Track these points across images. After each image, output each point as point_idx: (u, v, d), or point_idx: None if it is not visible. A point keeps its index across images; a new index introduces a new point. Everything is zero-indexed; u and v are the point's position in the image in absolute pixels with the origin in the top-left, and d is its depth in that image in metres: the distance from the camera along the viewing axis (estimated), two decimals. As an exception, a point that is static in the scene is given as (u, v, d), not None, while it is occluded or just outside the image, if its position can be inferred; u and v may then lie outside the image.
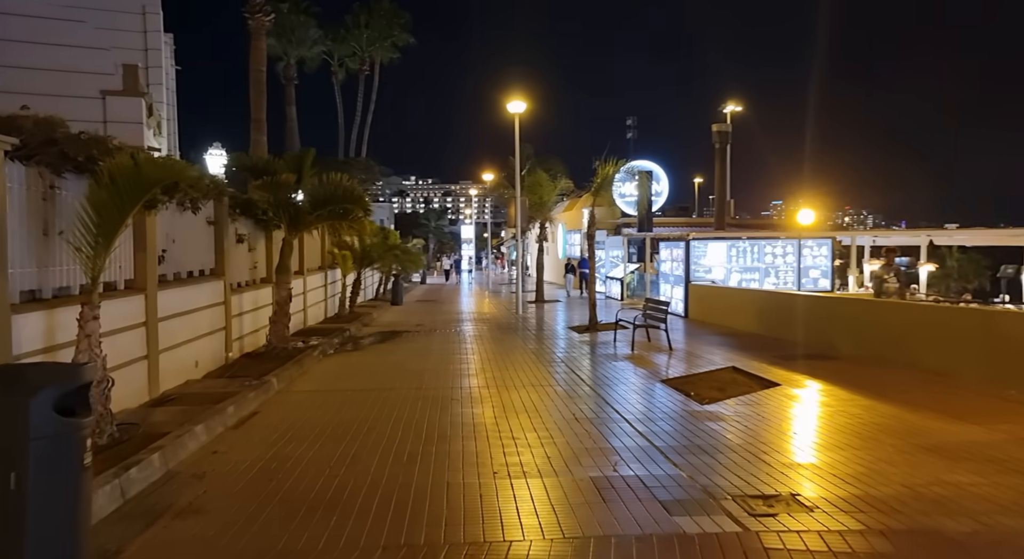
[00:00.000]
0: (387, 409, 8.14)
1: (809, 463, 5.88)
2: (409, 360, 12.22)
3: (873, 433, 6.79)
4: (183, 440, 6.12)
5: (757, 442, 6.53)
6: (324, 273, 18.56)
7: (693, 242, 19.75)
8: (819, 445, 6.46)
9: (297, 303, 15.42)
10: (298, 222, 11.33)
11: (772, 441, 6.61)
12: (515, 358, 12.36)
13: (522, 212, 22.75)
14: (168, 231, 8.59)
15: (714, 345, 13.70)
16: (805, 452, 6.26)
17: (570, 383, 9.83)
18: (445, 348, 13.79)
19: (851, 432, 6.83)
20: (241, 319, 11.33)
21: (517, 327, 17.92)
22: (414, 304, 26.63)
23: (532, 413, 7.91)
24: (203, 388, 8.56)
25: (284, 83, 38.37)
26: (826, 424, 7.28)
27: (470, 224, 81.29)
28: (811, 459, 6.01)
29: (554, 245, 41.64)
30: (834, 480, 5.36)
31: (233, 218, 11.08)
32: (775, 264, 19.72)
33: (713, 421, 7.40)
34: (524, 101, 21.55)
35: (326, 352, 12.81)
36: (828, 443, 6.49)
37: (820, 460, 5.95)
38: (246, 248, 11.88)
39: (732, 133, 45.91)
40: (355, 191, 11.38)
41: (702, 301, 18.58)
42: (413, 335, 16.08)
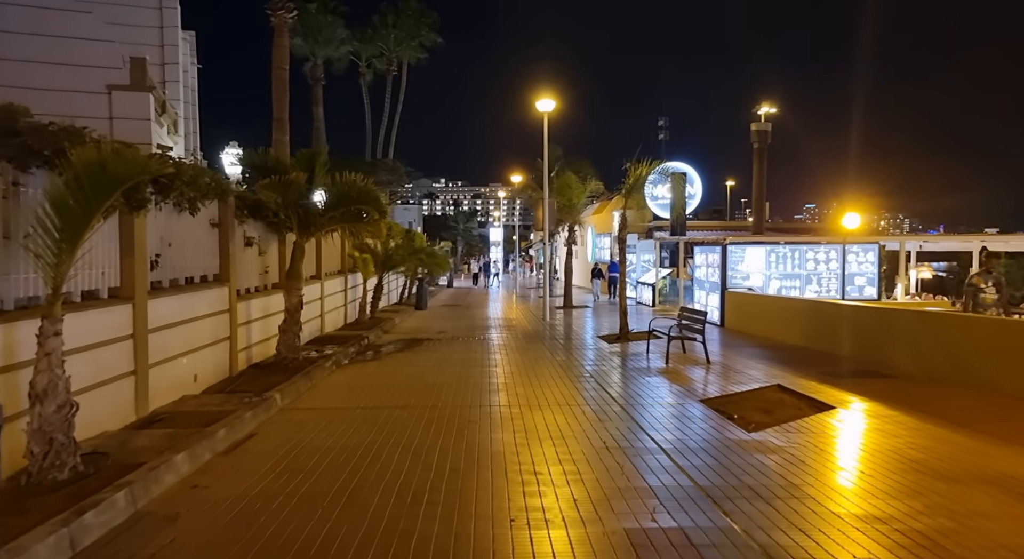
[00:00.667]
0: (397, 432, 7.36)
1: (885, 515, 4.95)
2: (428, 372, 11.45)
3: (956, 473, 5.82)
4: (159, 472, 5.38)
5: (819, 484, 5.61)
6: (344, 277, 17.91)
7: (730, 247, 18.73)
8: (894, 489, 5.51)
9: (313, 309, 14.77)
10: (309, 224, 10.62)
11: (836, 483, 5.68)
12: (541, 371, 11.53)
13: (550, 214, 21.91)
14: (163, 234, 7.92)
15: (754, 358, 12.72)
16: (878, 498, 5.31)
17: (600, 402, 8.96)
18: (467, 358, 13.00)
19: (930, 472, 5.87)
20: (249, 328, 10.66)
21: (544, 335, 17.08)
22: (439, 309, 25.92)
23: (558, 440, 7.07)
24: (198, 405, 7.85)
25: (311, 83, 38.04)
26: (897, 461, 6.32)
27: (499, 227, 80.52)
28: (887, 509, 5.07)
29: (583, 249, 40.75)
30: (921, 539, 4.44)
31: (241, 220, 10.41)
32: (817, 271, 18.61)
33: (764, 454, 6.48)
34: (553, 99, 20.70)
35: (340, 362, 12.09)
36: (904, 487, 5.54)
37: (898, 510, 5.02)
38: (256, 252, 11.22)
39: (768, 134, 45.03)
40: (370, 191, 10.64)
41: (740, 309, 17.56)
42: (435, 343, 15.32)
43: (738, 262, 18.77)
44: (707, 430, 7.45)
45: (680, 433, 7.31)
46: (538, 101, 20.74)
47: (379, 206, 10.78)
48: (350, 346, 13.69)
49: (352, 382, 10.45)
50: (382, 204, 10.82)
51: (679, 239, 25.48)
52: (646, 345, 14.10)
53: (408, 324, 19.73)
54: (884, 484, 5.65)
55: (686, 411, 8.41)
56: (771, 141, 25.97)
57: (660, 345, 13.98)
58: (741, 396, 9.38)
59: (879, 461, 6.31)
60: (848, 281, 18.40)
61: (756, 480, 5.69)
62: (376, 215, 10.92)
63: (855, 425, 7.66)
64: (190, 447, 6.02)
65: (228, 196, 9.55)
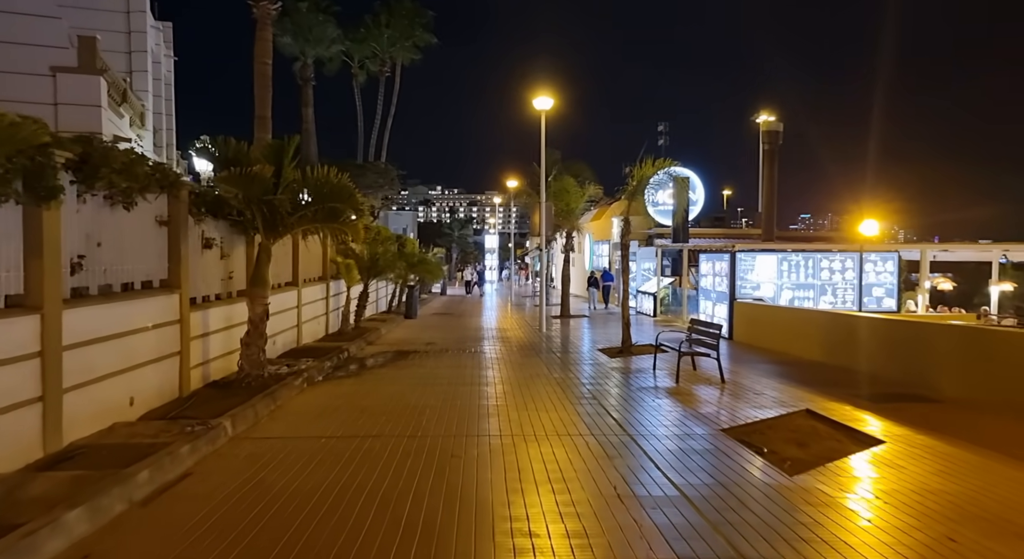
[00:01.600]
0: (364, 472, 6.10)
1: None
2: (410, 391, 10.19)
3: (1065, 539, 4.60)
4: (37, 538, 4.12)
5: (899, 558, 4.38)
6: (325, 284, 16.65)
7: (740, 255, 17.53)
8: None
9: (289, 319, 13.51)
10: (276, 224, 9.37)
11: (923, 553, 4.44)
12: (537, 390, 10.28)
13: (547, 219, 20.70)
14: (90, 231, 6.66)
15: (772, 376, 11.50)
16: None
17: (605, 431, 7.72)
18: (456, 375, 11.75)
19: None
20: (206, 341, 9.39)
21: (540, 348, 15.83)
22: (430, 318, 24.65)
23: (557, 484, 5.82)
24: (128, 436, 6.58)
25: (301, 84, 36.82)
26: (986, 521, 5.08)
27: (494, 234, 79.34)
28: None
29: (580, 256, 39.55)
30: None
31: (198, 218, 9.16)
32: (832, 281, 17.43)
33: (815, 507, 5.24)
34: (550, 97, 19.53)
35: (313, 379, 10.82)
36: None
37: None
38: (217, 255, 9.96)
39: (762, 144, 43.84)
40: (345, 188, 9.40)
41: (750, 321, 16.35)
42: (422, 357, 14.06)
43: (748, 271, 17.57)
44: (737, 471, 6.21)
45: (706, 475, 6.06)
46: (535, 99, 19.57)
47: (354, 204, 9.53)
48: (327, 360, 12.42)
49: (322, 403, 9.18)
50: (358, 202, 9.57)
51: (682, 246, 24.28)
52: (652, 360, 12.88)
53: (395, 334, 18.46)
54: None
55: (707, 444, 7.16)
56: (782, 142, 24.69)
57: (667, 360, 12.76)
58: (767, 424, 8.14)
59: (972, 523, 5.07)
60: (865, 292, 17.21)
61: (816, 551, 4.45)
62: (352, 214, 9.67)
63: (916, 467, 6.41)
64: (94, 498, 4.76)
65: (179, 190, 8.30)
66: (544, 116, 19.77)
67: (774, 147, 25.13)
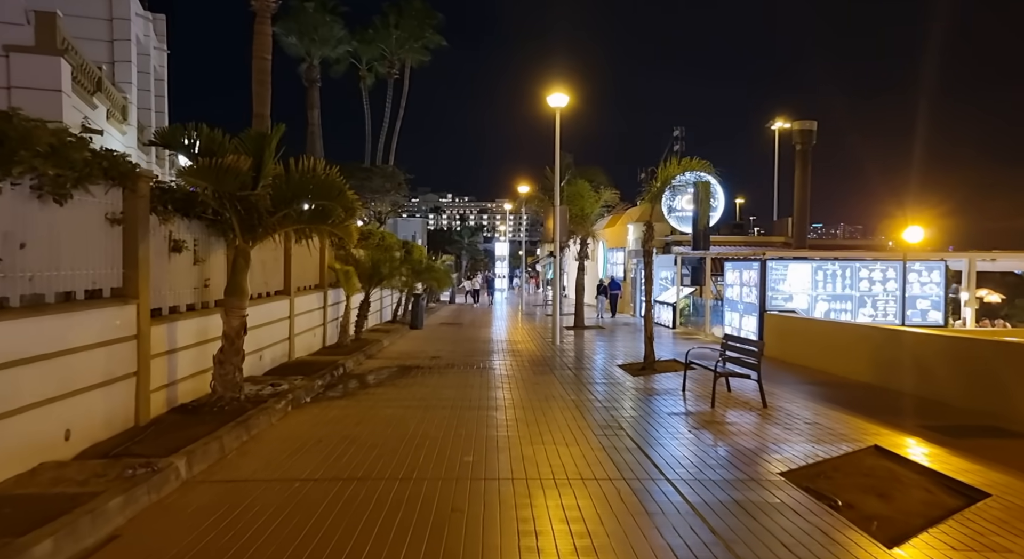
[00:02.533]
0: (341, 533, 4.82)
1: None
2: (409, 416, 8.91)
3: None
4: None
5: None
6: (322, 293, 15.42)
7: (770, 263, 16.18)
8: None
9: (279, 331, 12.28)
10: (254, 224, 8.12)
11: None
12: (552, 416, 8.97)
13: (561, 223, 19.41)
14: (8, 229, 5.42)
15: (817, 400, 10.15)
16: None
17: (638, 473, 6.41)
18: (462, 396, 10.46)
19: None
20: (173, 359, 8.14)
21: (554, 363, 14.52)
22: (436, 328, 23.38)
23: (586, 557, 4.51)
24: (51, 482, 5.32)
25: (306, 85, 35.74)
26: None
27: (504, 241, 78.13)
28: None
29: (593, 264, 38.22)
30: None
31: (164, 217, 7.92)
32: (872, 291, 16.04)
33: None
34: (565, 94, 18.28)
35: (299, 401, 9.56)
36: None
37: None
38: (189, 259, 8.72)
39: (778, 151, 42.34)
40: (334, 184, 8.14)
41: (783, 336, 14.98)
42: (425, 373, 12.78)
43: (779, 281, 16.22)
44: (819, 541, 4.87)
45: (781, 547, 4.73)
46: (550, 96, 18.33)
47: (345, 202, 8.27)
48: (319, 377, 11.17)
49: (305, 432, 7.90)
50: (349, 199, 8.31)
51: (704, 254, 22.95)
52: (678, 379, 11.57)
53: (398, 347, 17.19)
54: None
55: (768, 494, 5.82)
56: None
57: (697, 380, 11.44)
58: (832, 465, 6.79)
59: None
60: (909, 304, 15.82)
61: None
62: (342, 214, 8.42)
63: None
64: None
65: (137, 183, 7.07)
66: (558, 114, 18.52)
67: (807, 147, 23.63)
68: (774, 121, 42.78)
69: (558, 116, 18.53)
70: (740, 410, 9.45)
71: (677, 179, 15.55)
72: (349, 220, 8.71)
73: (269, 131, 19.03)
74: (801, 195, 23.68)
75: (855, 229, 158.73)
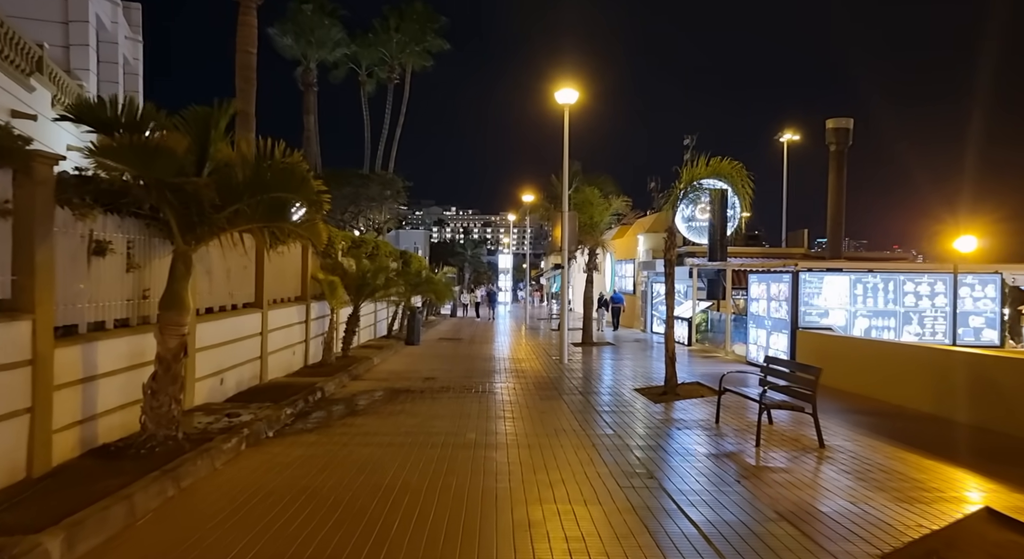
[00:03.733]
0: None
1: None
2: (390, 457, 7.28)
3: None
4: None
5: None
6: (304, 306, 13.80)
7: (804, 275, 14.53)
8: None
9: (245, 350, 10.66)
10: (193, 221, 6.52)
11: None
12: (563, 460, 7.31)
13: (570, 230, 17.81)
14: None
15: (881, 437, 8.47)
16: None
17: (685, 551, 4.75)
18: (456, 428, 8.82)
19: None
20: (91, 388, 6.52)
21: (563, 386, 12.86)
22: (434, 344, 21.72)
23: None
24: None
25: (302, 89, 34.35)
26: None
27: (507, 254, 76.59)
28: None
29: (600, 277, 36.58)
30: None
31: (81, 212, 6.33)
32: (919, 307, 14.36)
33: None
34: (575, 89, 16.74)
35: (259, 436, 7.92)
36: None
37: None
38: (119, 265, 7.12)
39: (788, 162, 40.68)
40: (295, 173, 6.55)
41: (820, 355, 13.25)
42: (416, 399, 11.14)
43: (813, 295, 14.55)
44: None
45: None
46: (558, 92, 16.80)
47: (308, 194, 6.66)
48: (290, 404, 9.54)
49: (253, 483, 6.24)
50: (312, 191, 6.69)
51: (723, 265, 21.33)
52: (707, 407, 9.97)
53: (389, 366, 15.55)
54: None
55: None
56: (852, 143, 21.40)
57: (733, 409, 9.80)
58: (943, 539, 5.11)
59: None
60: (960, 321, 14.14)
61: None
62: (304, 207, 6.81)
63: None
64: None
65: (31, 164, 5.47)
66: (567, 111, 16.97)
67: (843, 147, 21.83)
68: (782, 133, 41.28)
69: (567, 113, 16.97)
70: (792, 451, 7.77)
71: (693, 184, 13.98)
72: (315, 216, 7.09)
73: (255, 131, 17.32)
74: (836, 200, 21.93)
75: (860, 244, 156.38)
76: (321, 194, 6.81)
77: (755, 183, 12.24)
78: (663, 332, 25.35)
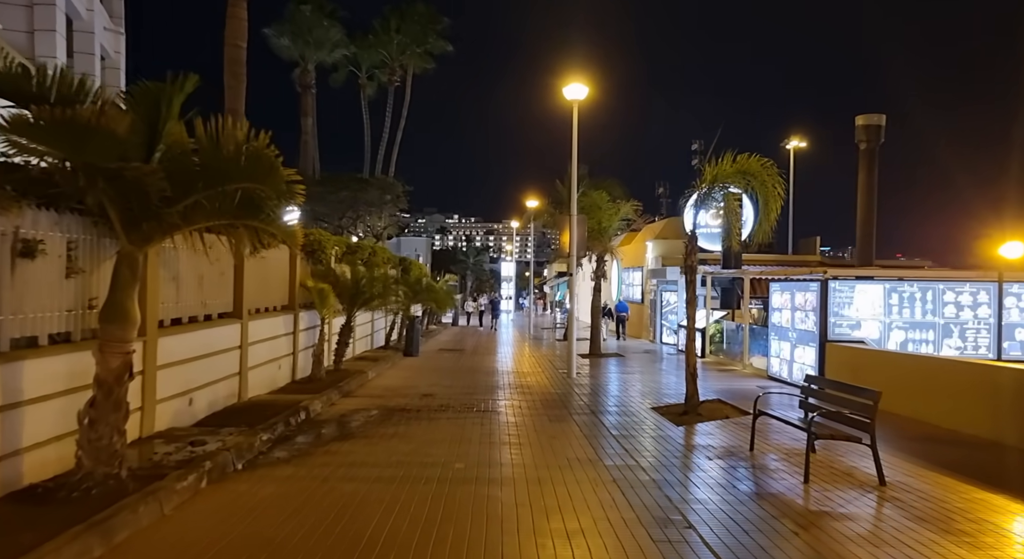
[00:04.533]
0: None
1: None
2: (375, 497, 6.16)
3: None
4: None
5: None
6: (292, 315, 12.69)
7: (833, 283, 13.40)
8: None
9: (221, 366, 9.55)
10: (137, 218, 5.42)
11: None
12: (579, 500, 6.18)
13: (579, 234, 16.72)
14: None
15: (948, 471, 7.33)
16: None
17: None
18: (454, 457, 7.70)
19: None
20: (13, 417, 5.40)
21: (573, 404, 11.74)
22: (434, 355, 20.59)
23: None
24: None
25: (300, 91, 33.35)
26: None
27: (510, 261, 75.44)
28: None
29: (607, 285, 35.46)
30: None
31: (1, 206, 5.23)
32: (960, 318, 13.22)
33: None
34: (584, 84, 15.68)
35: (227, 468, 6.80)
36: None
37: None
38: (56, 269, 6.02)
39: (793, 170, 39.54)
40: (262, 160, 5.45)
41: (853, 371, 12.14)
42: (412, 419, 10.03)
43: (844, 304, 13.42)
44: None
45: None
46: (566, 87, 15.73)
47: (277, 185, 5.56)
48: (268, 428, 8.41)
49: (204, 536, 5.11)
50: (282, 181, 5.60)
51: (739, 273, 20.24)
52: (735, 429, 8.91)
53: (385, 380, 14.42)
54: None
55: None
56: (883, 140, 20.13)
57: (769, 434, 8.67)
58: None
59: None
60: (1007, 334, 12.99)
61: None
62: (273, 202, 5.71)
63: None
64: None
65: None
66: (576, 107, 15.90)
67: (873, 145, 20.58)
68: (788, 140, 40.27)
69: (575, 110, 15.91)
70: (849, 489, 6.63)
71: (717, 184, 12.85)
72: (277, 208, 5.98)
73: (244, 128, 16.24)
74: (866, 202, 20.67)
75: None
76: (293, 185, 5.71)
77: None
78: (674, 343, 24.38)
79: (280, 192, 5.63)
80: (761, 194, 10.81)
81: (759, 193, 10.82)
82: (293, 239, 6.32)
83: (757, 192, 11.04)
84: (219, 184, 5.51)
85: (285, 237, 6.23)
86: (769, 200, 10.68)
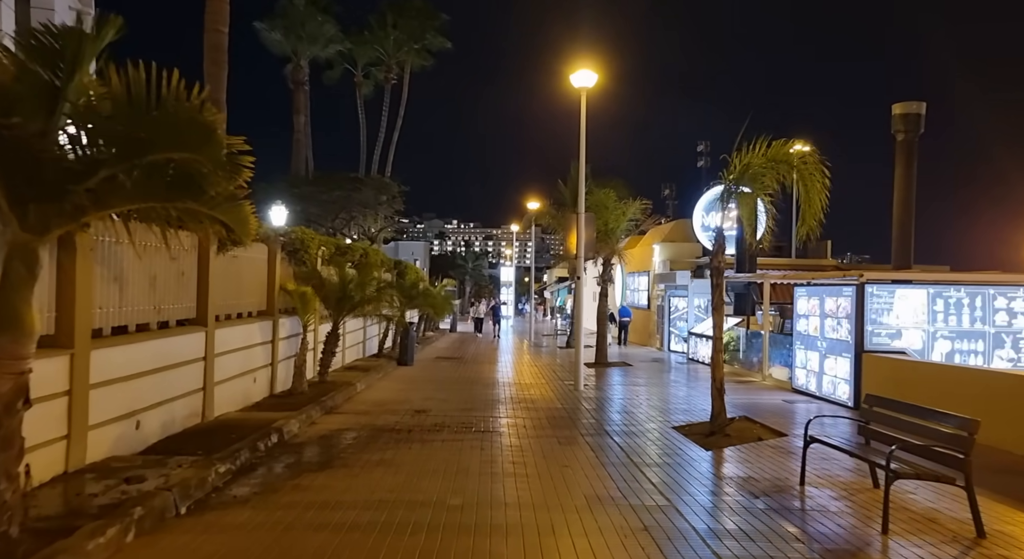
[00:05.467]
0: None
1: None
2: (346, 551, 4.87)
3: None
4: None
5: None
6: (271, 322, 11.38)
7: (870, 288, 12.10)
8: None
9: (180, 381, 8.22)
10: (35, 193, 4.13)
11: None
12: (606, 554, 4.87)
13: (587, 238, 15.43)
14: None
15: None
16: None
17: None
18: (448, 492, 6.38)
19: None
20: None
21: (582, 423, 10.42)
22: (430, 364, 19.26)
23: None
24: None
25: (292, 88, 32.09)
26: None
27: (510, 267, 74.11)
28: None
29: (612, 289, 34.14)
30: None
31: None
32: (1013, 327, 11.92)
33: None
34: (593, 72, 14.41)
35: (165, 514, 5.47)
36: None
37: None
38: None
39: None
40: (194, 123, 4.15)
41: (895, 385, 10.80)
42: (402, 441, 8.71)
43: (882, 311, 12.12)
44: None
45: None
46: (573, 74, 14.47)
47: (215, 155, 4.25)
48: (228, 457, 7.08)
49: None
50: (221, 150, 4.29)
51: (754, 277, 18.96)
52: (779, 455, 7.53)
53: (375, 393, 13.09)
54: None
55: None
56: (923, 131, 18.68)
57: (819, 462, 7.35)
58: None
59: None
60: (1064, 345, 11.69)
61: None
62: (217, 179, 4.40)
63: None
64: None
65: None
66: (584, 95, 14.63)
67: (911, 137, 19.11)
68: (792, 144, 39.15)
69: (584, 98, 14.63)
70: (940, 544, 5.30)
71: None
72: (231, 193, 4.66)
73: (225, 121, 14.69)
74: (904, 198, 19.26)
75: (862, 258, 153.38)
76: (237, 157, 4.39)
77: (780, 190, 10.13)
78: (683, 351, 23.04)
79: (219, 164, 4.30)
80: (804, 186, 9.50)
81: (804, 184, 9.51)
82: (243, 227, 4.97)
83: (801, 183, 9.73)
84: (139, 154, 4.20)
85: (234, 224, 4.89)
86: (812, 193, 9.36)
